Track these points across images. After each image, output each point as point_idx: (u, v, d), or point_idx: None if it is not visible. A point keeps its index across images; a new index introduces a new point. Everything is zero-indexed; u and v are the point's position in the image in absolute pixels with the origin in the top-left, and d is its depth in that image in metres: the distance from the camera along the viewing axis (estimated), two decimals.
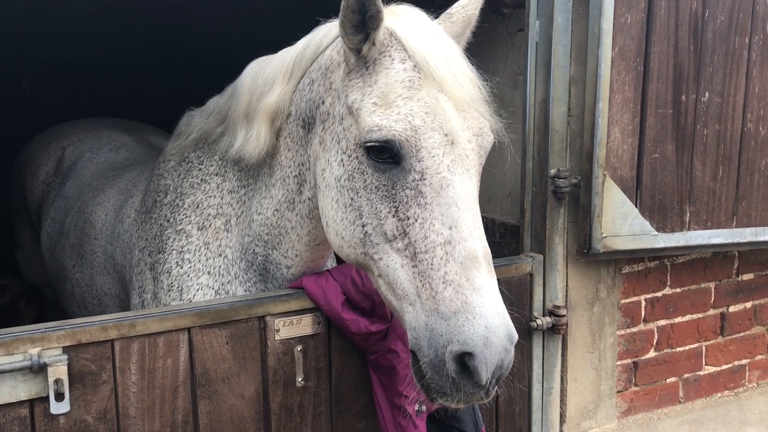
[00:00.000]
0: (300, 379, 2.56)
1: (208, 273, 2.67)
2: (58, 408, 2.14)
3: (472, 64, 2.13)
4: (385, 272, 2.03)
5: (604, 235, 2.93)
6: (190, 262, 2.70)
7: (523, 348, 3.05)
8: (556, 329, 3.03)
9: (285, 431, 2.59)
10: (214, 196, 2.71)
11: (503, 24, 3.43)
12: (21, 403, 2.18)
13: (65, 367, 2.18)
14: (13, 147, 4.70)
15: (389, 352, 2.50)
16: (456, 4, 2.32)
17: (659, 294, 3.38)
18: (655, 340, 3.41)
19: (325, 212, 2.24)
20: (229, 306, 2.44)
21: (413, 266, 1.93)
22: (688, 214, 3.05)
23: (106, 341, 2.27)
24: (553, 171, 2.95)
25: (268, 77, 2.45)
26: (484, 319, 1.79)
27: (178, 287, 2.69)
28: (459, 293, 1.83)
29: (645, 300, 3.35)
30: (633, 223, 2.96)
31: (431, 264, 1.88)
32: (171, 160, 2.93)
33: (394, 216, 1.98)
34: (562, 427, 3.20)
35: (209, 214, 2.71)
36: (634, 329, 3.34)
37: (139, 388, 2.34)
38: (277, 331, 2.52)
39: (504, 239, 3.33)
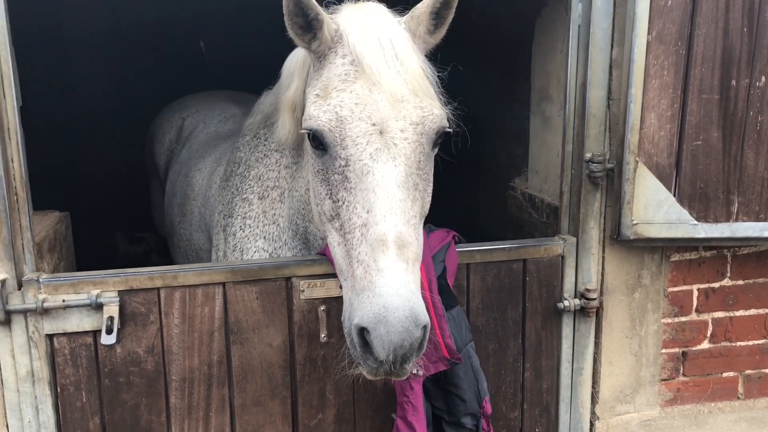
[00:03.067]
0: (323, 336, 2.84)
1: (264, 238, 3.01)
2: (106, 339, 2.61)
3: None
4: (330, 249, 2.25)
5: (635, 222, 2.89)
6: (250, 227, 3.06)
7: (552, 327, 3.12)
8: (585, 312, 3.06)
9: (309, 380, 2.91)
10: (273, 170, 3.04)
11: (562, 3, 3.40)
12: (86, 332, 2.69)
13: (116, 307, 2.65)
14: None
15: None
16: (422, 2, 2.37)
17: (716, 285, 3.25)
18: (709, 332, 3.29)
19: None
20: (258, 267, 2.79)
21: (344, 245, 2.12)
22: (736, 204, 2.90)
23: (153, 289, 2.71)
24: (588, 155, 2.95)
25: (290, 71, 2.70)
26: (383, 298, 1.91)
27: (240, 248, 3.07)
28: (367, 272, 1.98)
29: (698, 290, 3.24)
30: (669, 211, 2.88)
31: (352, 244, 2.06)
32: (247, 135, 3.30)
33: (330, 198, 2.19)
34: (594, 408, 3.23)
35: (268, 186, 3.04)
36: (683, 318, 3.25)
37: (180, 330, 2.76)
38: (302, 291, 2.82)
39: (549, 220, 3.37)
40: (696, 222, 2.91)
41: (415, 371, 2.66)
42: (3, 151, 2.56)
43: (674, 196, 2.88)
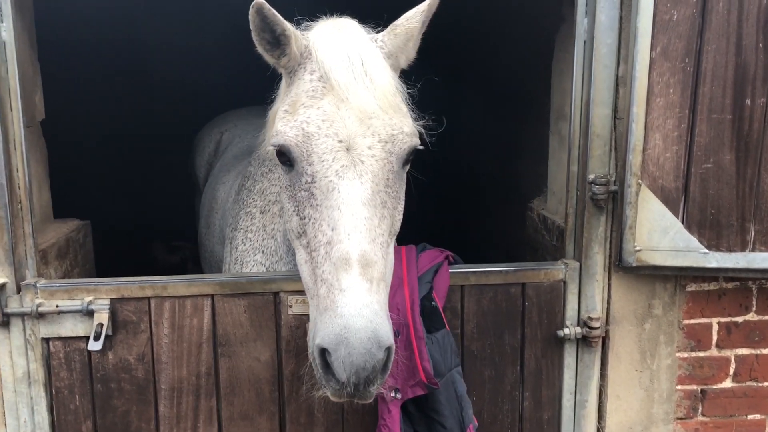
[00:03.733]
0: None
1: (263, 252, 3.03)
2: (93, 345, 2.68)
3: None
4: (298, 267, 2.21)
5: (637, 248, 2.72)
6: (251, 241, 3.08)
7: (554, 355, 2.98)
8: (588, 341, 2.91)
9: (297, 397, 2.89)
10: (276, 185, 3.05)
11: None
12: (80, 338, 2.78)
13: (106, 314, 2.72)
14: None
15: None
16: (402, 17, 2.35)
17: (739, 319, 3.01)
18: (731, 370, 3.05)
19: None
20: (246, 280, 2.81)
21: (310, 262, 2.08)
22: (752, 233, 2.68)
23: (143, 298, 2.78)
24: (591, 176, 2.81)
25: (282, 86, 2.72)
26: (344, 319, 1.86)
27: (240, 262, 3.10)
28: (330, 292, 1.93)
29: (718, 324, 3.01)
30: (675, 238, 2.70)
31: (317, 262, 2.02)
32: (259, 150, 3.35)
33: (297, 215, 2.15)
34: None
35: (269, 200, 3.06)
36: (701, 353, 3.03)
37: (170, 340, 2.81)
38: (290, 306, 2.82)
39: (558, 243, 3.22)
40: (707, 250, 2.71)
41: (393, 394, 2.62)
42: (7, 162, 2.69)
43: (682, 221, 2.70)
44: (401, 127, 2.13)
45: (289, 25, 2.20)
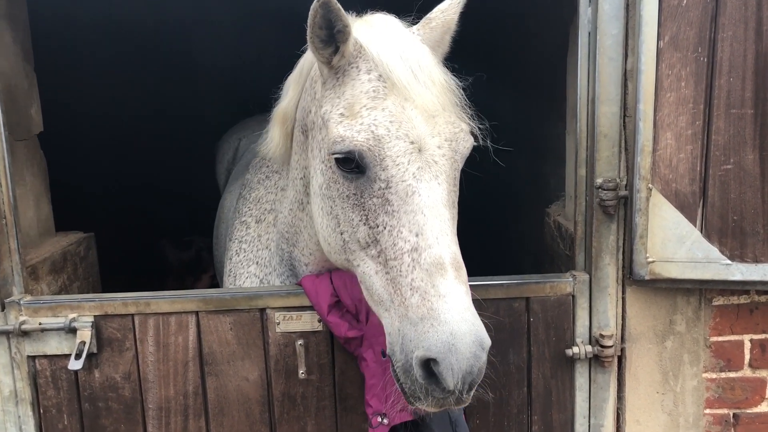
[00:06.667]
0: (302, 372, 2.69)
1: (257, 263, 2.91)
2: (73, 364, 2.60)
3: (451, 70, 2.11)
4: (362, 278, 2.09)
5: (650, 259, 2.46)
6: (245, 252, 2.97)
7: (564, 376, 2.74)
8: (600, 361, 2.66)
9: (288, 418, 2.76)
10: (271, 192, 2.93)
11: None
12: (66, 356, 2.71)
13: (89, 332, 2.65)
14: None
15: (361, 359, 2.50)
16: (435, 9, 2.24)
17: None
18: None
19: (314, 219, 2.34)
20: (231, 296, 2.68)
21: (386, 273, 1.97)
22: None
23: (127, 315, 2.69)
24: (599, 181, 2.56)
25: (288, 82, 2.55)
26: (449, 325, 1.79)
27: (234, 273, 2.99)
28: (425, 300, 1.84)
29: (751, 341, 2.71)
30: (693, 248, 2.42)
31: (400, 271, 1.91)
32: (257, 156, 3.23)
33: (365, 224, 2.03)
34: None
35: (265, 209, 2.94)
36: (732, 374, 2.73)
37: (156, 358, 2.72)
38: (278, 323, 2.68)
39: (571, 252, 2.97)
40: (729, 261, 2.43)
41: (379, 419, 2.45)
42: None
43: (700, 230, 2.42)
44: (460, 124, 2.06)
45: (350, 22, 2.07)
